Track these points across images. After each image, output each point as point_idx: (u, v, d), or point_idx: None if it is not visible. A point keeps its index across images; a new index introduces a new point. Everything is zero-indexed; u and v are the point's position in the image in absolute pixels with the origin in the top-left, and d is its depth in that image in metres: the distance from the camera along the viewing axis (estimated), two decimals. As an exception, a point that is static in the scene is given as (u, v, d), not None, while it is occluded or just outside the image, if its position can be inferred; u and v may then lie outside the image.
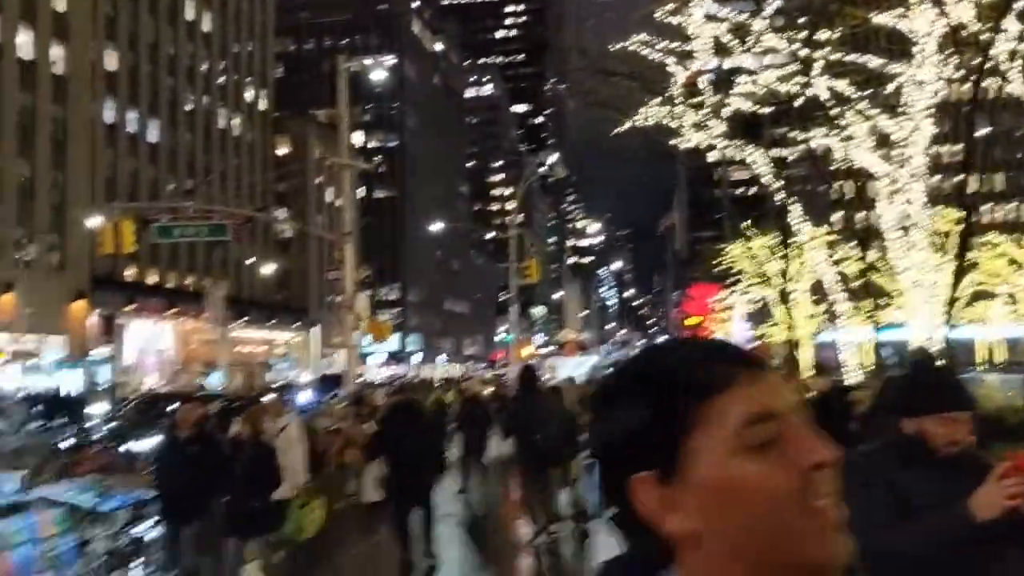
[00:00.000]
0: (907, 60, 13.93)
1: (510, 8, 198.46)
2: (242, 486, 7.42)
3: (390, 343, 67.90)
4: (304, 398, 21.01)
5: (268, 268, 60.27)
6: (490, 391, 25.26)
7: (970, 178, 14.58)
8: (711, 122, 16.06)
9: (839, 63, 14.76)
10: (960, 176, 14.39)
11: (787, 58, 15.16)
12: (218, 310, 39.93)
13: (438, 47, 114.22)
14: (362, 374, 33.61)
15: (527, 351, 43.78)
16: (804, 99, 14.87)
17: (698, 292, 50.86)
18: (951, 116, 18.59)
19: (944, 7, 12.91)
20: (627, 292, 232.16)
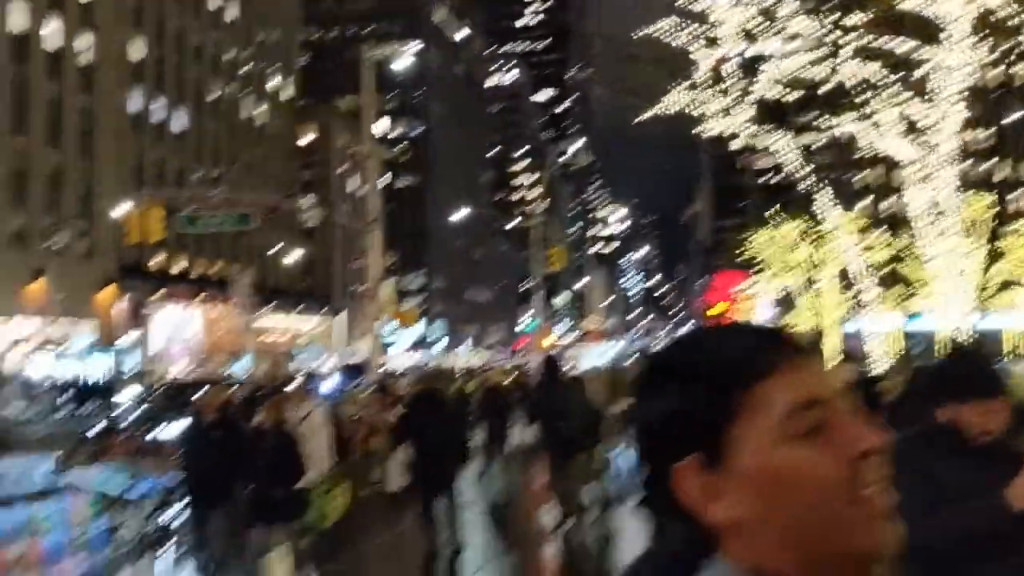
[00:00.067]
0: (936, 44, 13.72)
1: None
2: (265, 475, 7.46)
3: (413, 331, 68.20)
4: (328, 386, 21.12)
5: (293, 256, 60.62)
6: (510, 380, 25.32)
7: (1001, 164, 14.38)
8: (736, 108, 15.92)
9: (869, 47, 14.57)
10: (991, 161, 14.18)
11: (815, 43, 14.98)
12: (244, 298, 40.21)
13: (461, 35, 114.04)
14: (384, 363, 33.75)
15: (549, 339, 43.78)
16: (832, 85, 14.70)
17: (722, 281, 50.62)
18: (982, 101, 18.32)
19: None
20: (651, 281, 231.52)
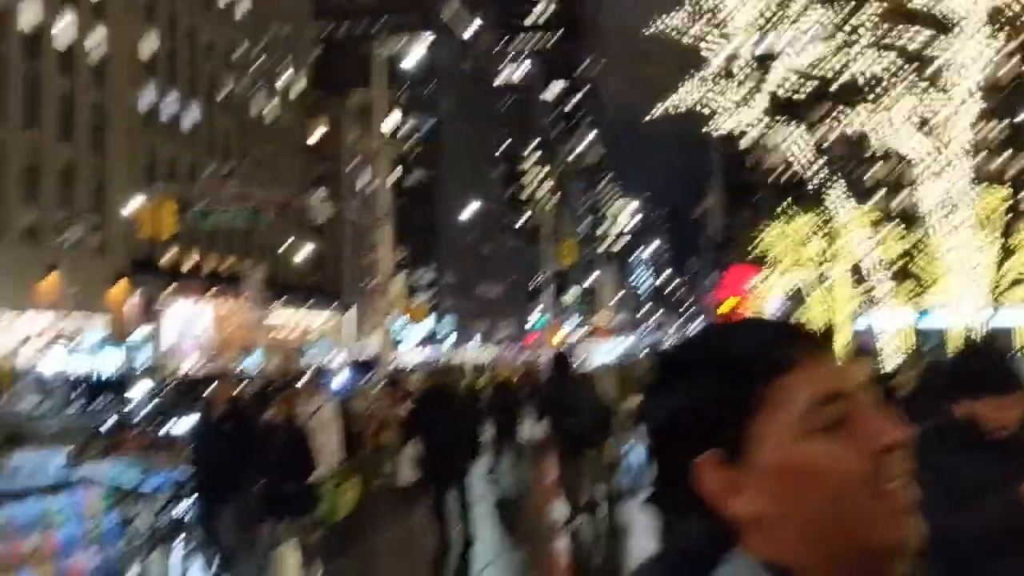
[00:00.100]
0: (950, 36, 13.64)
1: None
2: (276, 470, 7.48)
3: (423, 326, 68.25)
4: (338, 381, 21.17)
5: (303, 252, 60.75)
6: (520, 376, 25.36)
7: (1015, 158, 14.29)
8: (749, 103, 15.86)
9: (882, 40, 14.49)
10: (1005, 155, 14.10)
11: (828, 34, 14.91)
12: (255, 293, 40.33)
13: (472, 29, 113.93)
14: (394, 359, 33.79)
15: (559, 335, 43.74)
16: (845, 79, 14.63)
17: (733, 276, 50.49)
18: (996, 95, 18.21)
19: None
20: (661, 276, 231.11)
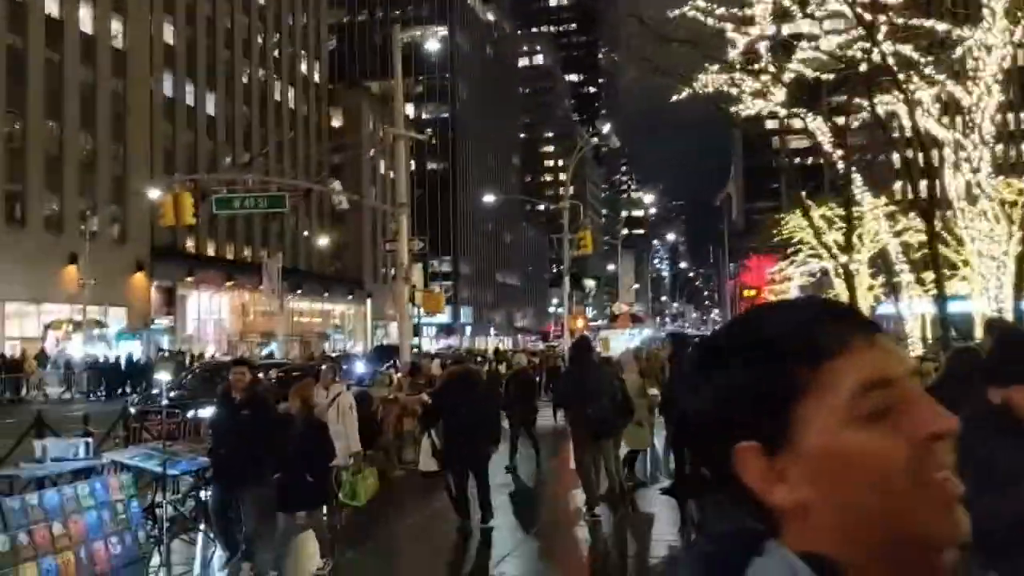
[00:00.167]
0: (973, 25, 13.47)
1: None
2: (294, 461, 7.49)
3: (444, 314, 68.24)
4: (360, 368, 21.27)
5: (323, 240, 60.92)
6: (541, 362, 25.47)
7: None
8: (771, 88, 15.73)
9: (904, 27, 14.33)
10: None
11: (850, 22, 14.76)
12: (275, 281, 40.48)
13: (490, 17, 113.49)
14: (415, 345, 33.86)
15: (580, 323, 43.70)
16: (869, 65, 14.46)
17: (755, 263, 50.24)
18: (1020, 84, 17.97)
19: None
20: (681, 264, 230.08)
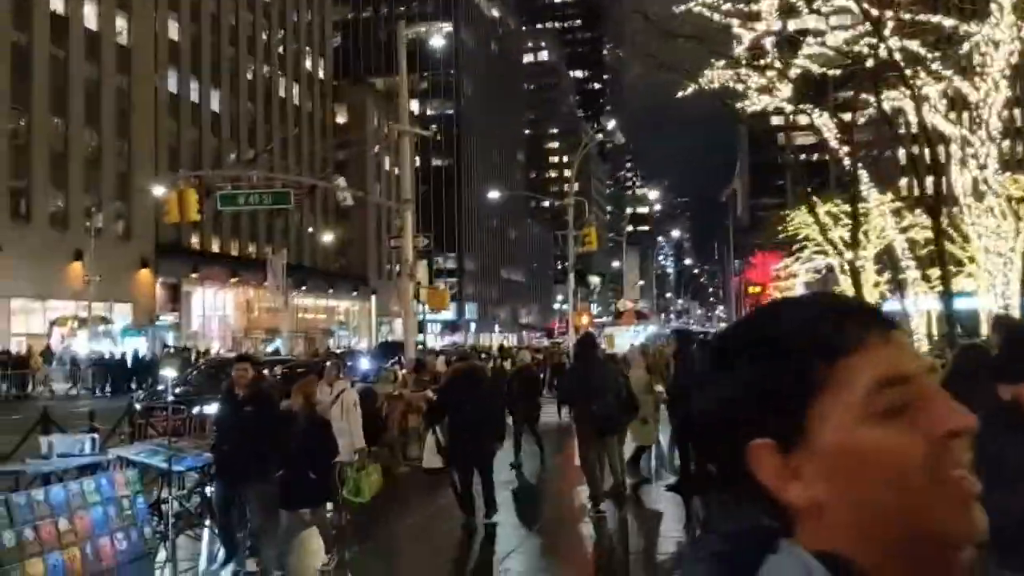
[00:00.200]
0: (980, 20, 13.42)
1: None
2: (297, 458, 7.49)
3: (448, 310, 68.29)
4: (364, 364, 21.30)
5: (327, 236, 60.95)
6: (545, 359, 25.52)
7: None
8: (777, 84, 15.68)
9: (911, 23, 14.28)
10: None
11: (856, 18, 14.71)
12: (279, 278, 40.50)
13: (495, 13, 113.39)
14: (420, 342, 33.86)
15: (584, 319, 43.70)
16: (875, 61, 14.41)
17: (760, 260, 50.17)
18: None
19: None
20: (686, 260, 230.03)
